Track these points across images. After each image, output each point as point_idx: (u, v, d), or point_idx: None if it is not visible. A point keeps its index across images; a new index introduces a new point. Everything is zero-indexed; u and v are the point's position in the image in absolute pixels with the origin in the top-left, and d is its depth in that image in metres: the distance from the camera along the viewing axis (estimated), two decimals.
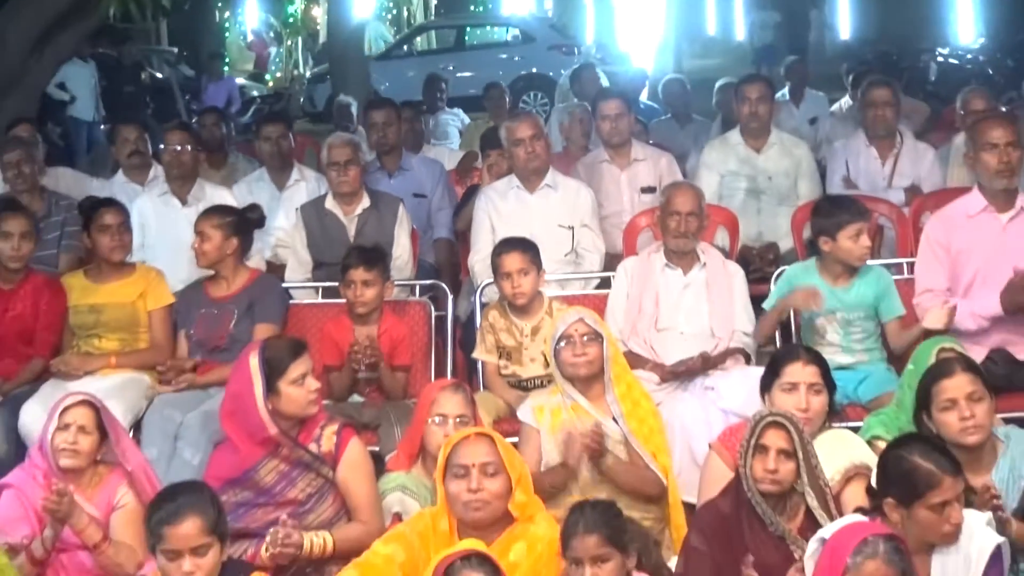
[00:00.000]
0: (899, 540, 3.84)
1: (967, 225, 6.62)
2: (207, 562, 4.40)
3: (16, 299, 7.02)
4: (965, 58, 22.47)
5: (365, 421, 6.43)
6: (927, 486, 4.33)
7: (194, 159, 8.36)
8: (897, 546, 3.79)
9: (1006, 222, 6.59)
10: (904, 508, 4.37)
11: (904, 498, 4.37)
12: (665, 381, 6.57)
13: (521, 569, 4.61)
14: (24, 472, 5.47)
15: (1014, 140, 6.52)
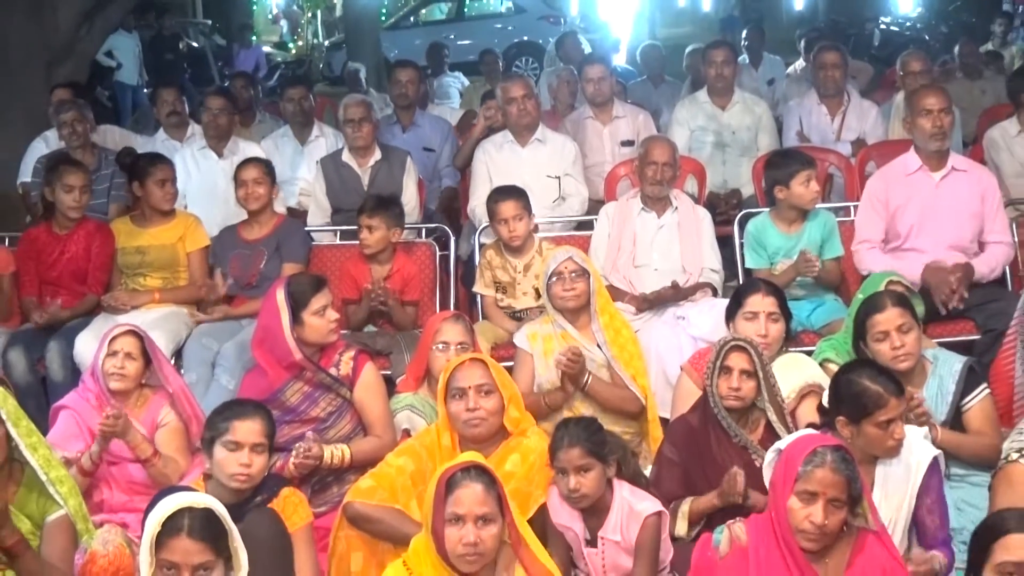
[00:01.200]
0: (846, 450, 3.82)
1: (904, 183, 6.63)
2: (261, 461, 4.46)
3: (71, 242, 7.00)
4: (905, 25, 22.48)
5: (378, 348, 6.44)
6: (875, 406, 4.33)
7: (230, 120, 8.37)
8: (844, 455, 3.78)
9: (938, 180, 6.59)
10: (853, 425, 4.37)
11: (854, 416, 4.37)
12: (641, 311, 6.55)
13: (516, 477, 4.61)
14: (78, 395, 5.50)
15: (946, 107, 6.54)
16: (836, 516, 3.69)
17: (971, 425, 5.08)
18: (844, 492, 3.69)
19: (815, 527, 3.67)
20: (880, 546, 3.76)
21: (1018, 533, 3.08)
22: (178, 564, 3.47)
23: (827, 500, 3.68)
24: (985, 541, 3.14)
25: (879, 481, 4.40)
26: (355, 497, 4.67)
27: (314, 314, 5.37)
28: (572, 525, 4.61)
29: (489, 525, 3.79)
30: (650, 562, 4.51)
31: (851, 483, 3.71)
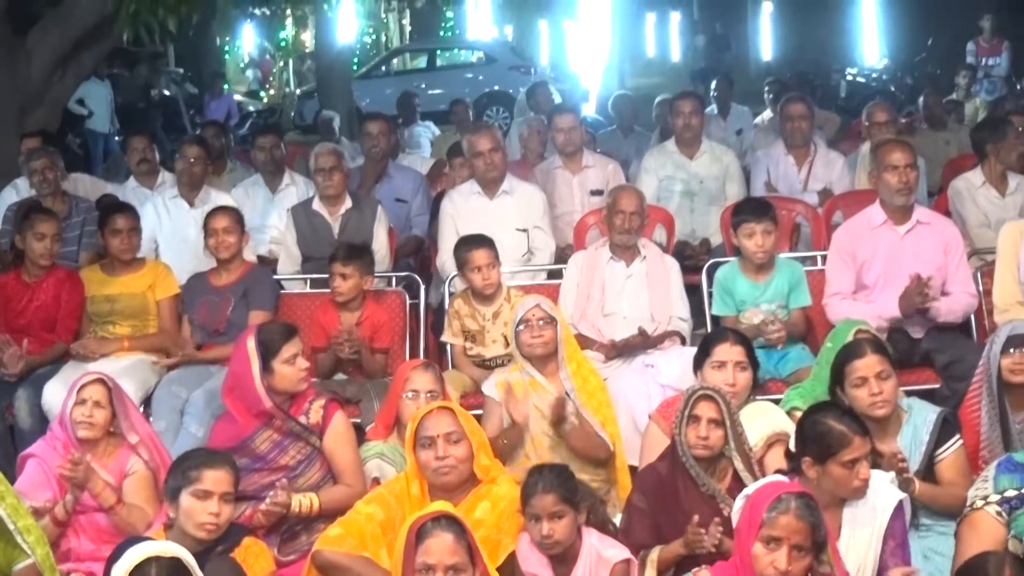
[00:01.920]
0: (810, 497, 3.83)
1: (870, 236, 6.68)
2: (228, 510, 4.49)
3: (40, 291, 6.99)
4: (871, 77, 22.68)
5: (348, 396, 6.41)
6: (840, 445, 4.35)
7: (204, 170, 8.38)
8: (808, 502, 3.78)
9: (903, 234, 6.65)
10: (819, 465, 4.39)
11: (819, 456, 4.38)
12: (610, 359, 6.58)
13: (485, 525, 4.61)
14: (46, 443, 5.46)
15: (912, 162, 6.61)
16: (800, 563, 3.70)
17: (943, 475, 5.10)
18: (808, 539, 3.70)
19: (779, 573, 3.67)
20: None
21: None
22: None
23: (791, 546, 3.69)
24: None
25: (847, 524, 4.42)
26: (324, 545, 4.66)
27: (284, 362, 5.34)
28: (541, 572, 4.61)
29: (459, 575, 3.78)
30: None
31: (815, 530, 3.72)
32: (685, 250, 8.00)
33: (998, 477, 4.44)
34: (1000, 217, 7.38)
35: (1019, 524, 4.29)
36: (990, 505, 4.36)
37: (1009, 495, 4.36)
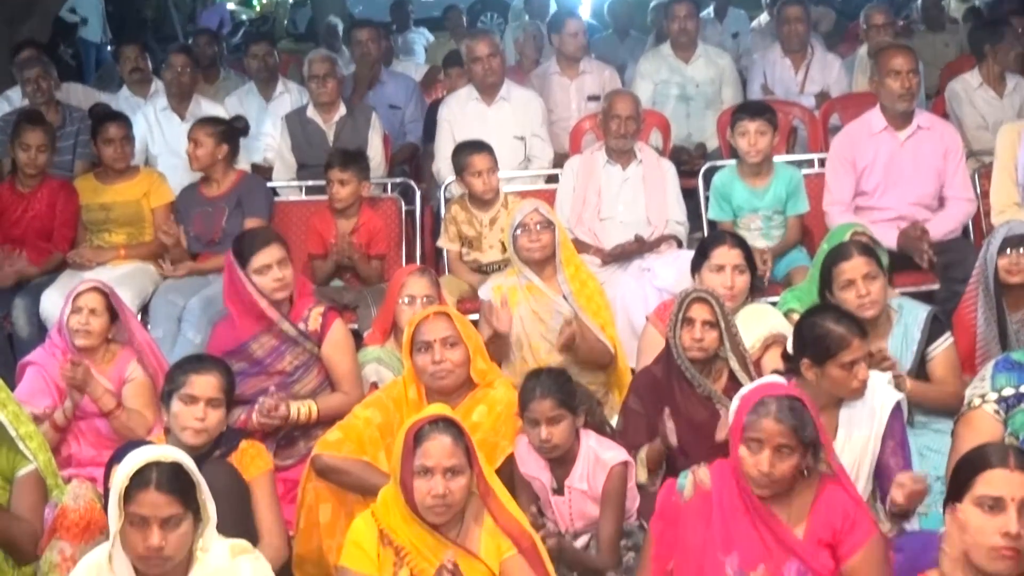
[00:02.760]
0: (794, 399, 3.77)
1: (870, 142, 6.64)
2: (216, 415, 4.47)
3: (35, 201, 6.98)
4: None
5: (345, 302, 6.42)
6: (838, 347, 4.33)
7: (192, 79, 8.31)
8: (790, 404, 3.71)
9: (903, 140, 6.61)
10: (818, 367, 4.38)
11: (818, 358, 4.37)
12: (607, 263, 6.58)
13: (482, 428, 4.62)
14: (45, 351, 5.48)
15: (914, 67, 6.54)
16: (785, 463, 3.66)
17: (935, 373, 5.13)
18: (791, 439, 3.66)
19: (761, 475, 3.67)
20: (840, 489, 3.77)
21: (1000, 468, 3.09)
22: (147, 517, 3.45)
23: (773, 448, 3.65)
24: (967, 474, 3.15)
25: (843, 424, 4.42)
26: (323, 449, 4.67)
27: (255, 271, 5.30)
28: (539, 475, 4.63)
29: (457, 477, 3.78)
30: (616, 510, 4.53)
31: (798, 431, 3.67)
32: (681, 155, 7.95)
33: (995, 376, 4.44)
34: (998, 118, 7.35)
35: (1016, 422, 4.29)
36: (987, 404, 4.36)
37: (1006, 394, 4.36)
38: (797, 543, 3.68)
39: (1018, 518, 3.02)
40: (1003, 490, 3.06)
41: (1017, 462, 3.11)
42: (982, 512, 3.06)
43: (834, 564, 3.68)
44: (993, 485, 3.08)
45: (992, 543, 3.01)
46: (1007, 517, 3.03)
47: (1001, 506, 3.05)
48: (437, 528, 3.80)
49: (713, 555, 3.68)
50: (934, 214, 6.59)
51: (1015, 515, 3.02)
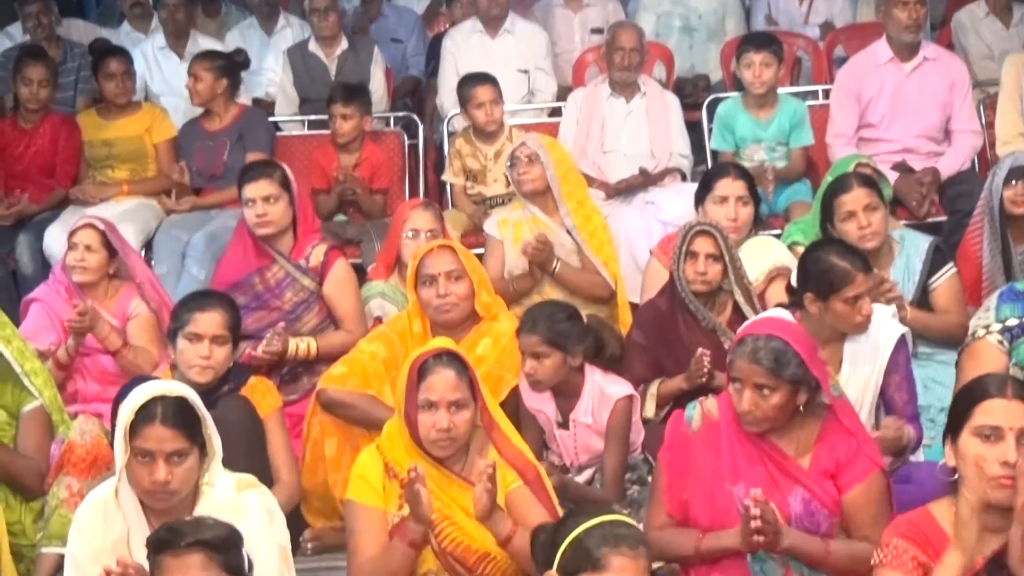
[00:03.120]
0: (775, 338, 3.72)
1: (875, 74, 6.60)
2: (222, 352, 4.47)
3: (37, 136, 6.95)
4: None
5: (348, 237, 6.43)
6: (842, 282, 4.30)
7: (188, 17, 8.22)
8: (769, 344, 3.63)
9: (909, 71, 6.58)
10: (822, 302, 4.35)
11: (822, 293, 4.34)
12: (611, 197, 6.54)
13: (487, 361, 4.61)
14: (49, 288, 5.48)
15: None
16: (767, 402, 3.60)
17: (937, 303, 5.13)
18: (769, 379, 3.58)
19: (744, 413, 3.64)
20: (839, 420, 3.75)
21: (998, 398, 3.08)
22: (152, 451, 3.44)
23: (752, 387, 3.62)
24: (966, 405, 3.14)
25: (847, 358, 4.40)
26: (328, 383, 4.67)
27: (244, 204, 5.38)
28: (544, 408, 4.62)
29: (462, 410, 3.77)
30: (621, 444, 4.53)
31: (776, 371, 3.60)
32: (685, 87, 7.88)
33: (1000, 307, 4.42)
34: (1004, 48, 7.26)
35: (1020, 352, 4.28)
36: (992, 334, 4.35)
37: (1011, 324, 4.34)
38: (802, 473, 3.67)
39: (1016, 447, 3.00)
40: (1001, 420, 3.04)
41: (1015, 392, 3.09)
42: (981, 442, 3.04)
43: (838, 494, 3.68)
44: (991, 415, 3.06)
45: (992, 473, 2.99)
46: (1005, 446, 3.01)
47: (999, 435, 3.03)
48: (442, 461, 3.79)
49: (721, 485, 3.67)
50: (939, 147, 6.56)
51: (1013, 444, 3.01)
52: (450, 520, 3.70)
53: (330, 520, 4.69)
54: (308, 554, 4.60)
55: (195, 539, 2.85)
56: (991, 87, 6.98)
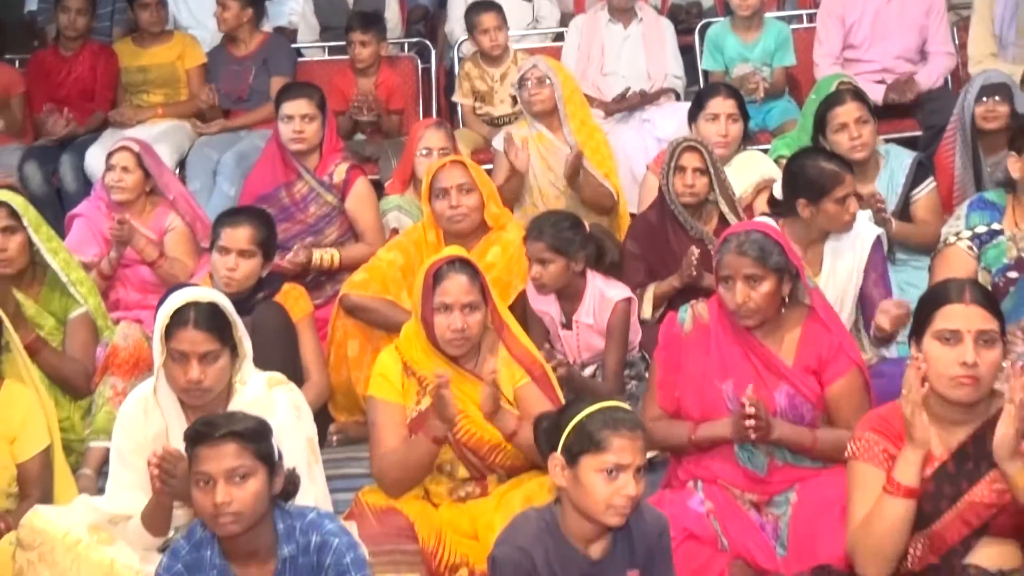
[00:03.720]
0: (761, 232, 3.68)
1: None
2: (248, 265, 4.45)
3: (77, 64, 6.89)
4: None
5: (367, 155, 6.39)
6: (833, 183, 4.27)
7: None
8: (752, 236, 3.63)
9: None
10: (813, 205, 4.31)
11: (814, 196, 4.30)
12: (610, 115, 6.47)
13: (496, 268, 4.60)
14: (91, 204, 5.48)
15: None
16: (758, 292, 3.60)
17: (917, 214, 5.11)
18: (757, 268, 3.58)
19: (738, 306, 3.63)
20: (820, 318, 3.75)
21: (957, 303, 3.06)
22: (186, 352, 3.45)
23: (742, 279, 3.60)
24: (928, 309, 3.13)
25: (828, 256, 4.39)
26: (350, 289, 4.67)
27: (280, 119, 5.37)
28: (548, 310, 4.63)
29: (474, 312, 3.76)
30: (620, 342, 4.53)
31: (762, 259, 3.59)
32: (679, 13, 7.76)
33: (969, 215, 4.41)
34: None
35: (988, 256, 4.28)
36: (962, 240, 4.34)
37: (979, 231, 4.33)
38: (787, 369, 3.67)
39: (974, 348, 2.99)
40: (959, 323, 3.03)
41: (972, 297, 3.07)
42: (941, 344, 3.03)
43: (820, 389, 3.69)
44: (950, 319, 3.04)
45: (951, 373, 2.98)
46: (963, 348, 2.99)
47: (958, 338, 3.01)
48: (456, 360, 3.79)
49: (711, 382, 3.68)
50: (915, 67, 6.51)
51: (971, 346, 2.99)
52: (464, 414, 3.70)
53: (353, 415, 4.71)
54: (334, 446, 4.62)
55: (228, 430, 2.85)
56: (964, 10, 6.87)
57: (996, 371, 3.03)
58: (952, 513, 3.04)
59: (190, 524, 3.12)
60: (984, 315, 3.04)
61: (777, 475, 3.68)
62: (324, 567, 2.86)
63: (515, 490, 3.73)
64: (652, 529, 2.99)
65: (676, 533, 3.35)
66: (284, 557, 2.88)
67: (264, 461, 2.87)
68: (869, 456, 3.08)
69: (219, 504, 2.79)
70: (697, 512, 3.61)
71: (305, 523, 2.91)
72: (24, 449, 3.80)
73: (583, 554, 2.94)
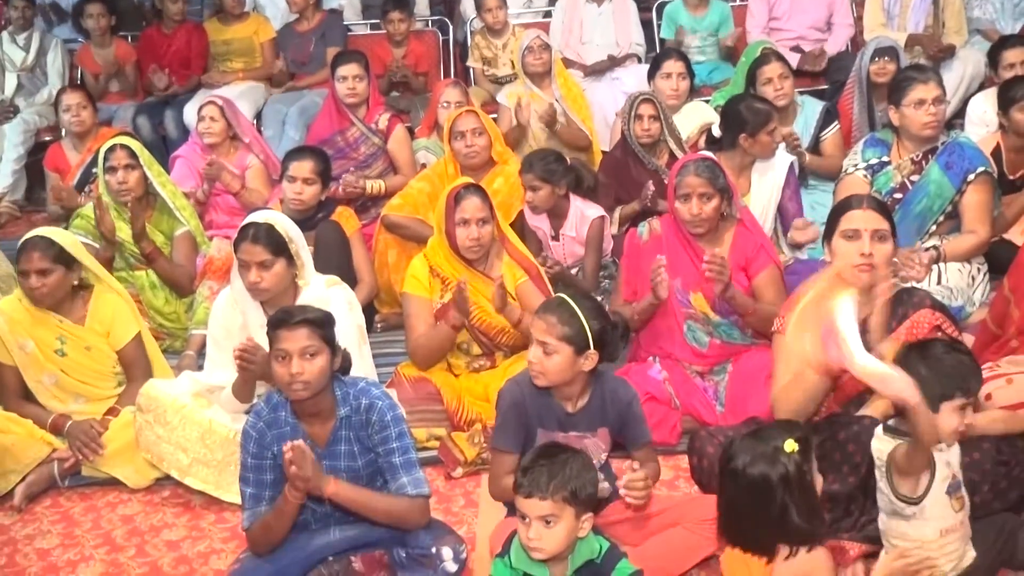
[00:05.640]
0: (710, 160, 3.66)
1: None
2: (311, 190, 4.35)
3: (175, 39, 6.74)
4: None
5: (401, 108, 6.26)
6: (767, 118, 4.28)
7: None
8: (705, 163, 3.62)
9: None
10: (751, 136, 4.28)
11: (754, 129, 4.27)
12: (587, 75, 6.35)
13: (501, 193, 4.50)
14: (188, 147, 5.38)
15: None
16: (708, 206, 3.58)
17: (826, 150, 5.05)
18: (708, 187, 3.57)
19: (693, 216, 3.59)
20: (746, 227, 3.71)
21: (857, 209, 3.02)
22: (247, 261, 3.41)
23: (697, 196, 3.57)
24: (836, 216, 3.08)
25: (755, 181, 4.34)
26: (389, 211, 4.60)
27: (337, 79, 5.25)
28: (541, 225, 4.56)
29: (486, 225, 3.71)
30: (596, 250, 4.48)
31: (712, 181, 3.58)
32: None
33: (864, 150, 4.33)
34: None
35: (879, 182, 4.22)
36: (859, 170, 4.27)
37: (872, 162, 4.26)
38: None
39: (870, 242, 2.94)
40: (858, 223, 2.98)
41: (868, 204, 3.04)
42: (846, 241, 2.98)
43: (747, 282, 3.64)
44: (852, 221, 3.00)
45: (853, 262, 2.93)
46: (861, 242, 2.95)
47: (857, 235, 2.97)
48: (471, 263, 3.74)
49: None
50: (823, 35, 6.41)
51: (868, 240, 2.95)
52: (477, 305, 3.67)
53: (392, 308, 4.65)
54: (378, 331, 4.58)
55: (302, 318, 2.81)
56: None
57: (889, 261, 2.98)
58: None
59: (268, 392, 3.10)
60: (878, 218, 3.00)
61: (716, 351, 3.68)
62: (371, 423, 2.83)
63: (517, 363, 3.71)
64: (622, 397, 2.92)
65: (639, 395, 3.33)
66: (341, 416, 2.85)
67: (328, 343, 2.82)
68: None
69: (294, 374, 2.75)
70: (655, 379, 3.60)
71: (357, 390, 2.88)
72: (118, 338, 3.72)
73: (561, 406, 2.89)
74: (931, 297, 3.11)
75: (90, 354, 3.68)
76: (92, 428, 3.53)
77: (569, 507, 2.39)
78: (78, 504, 3.49)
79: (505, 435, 2.88)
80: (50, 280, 3.58)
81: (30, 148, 6.50)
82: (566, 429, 2.88)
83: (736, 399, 3.53)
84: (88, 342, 3.68)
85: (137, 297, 4.33)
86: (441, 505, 3.30)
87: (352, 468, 2.85)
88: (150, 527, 3.35)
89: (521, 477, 2.42)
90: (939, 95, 4.13)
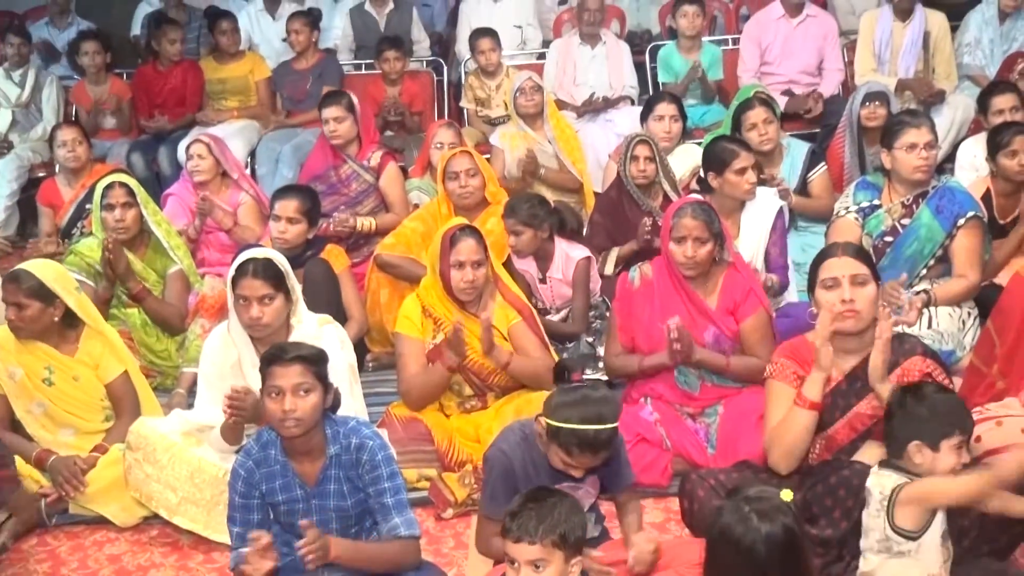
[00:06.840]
0: (704, 203, 3.73)
1: (772, 26, 6.54)
2: (295, 229, 4.37)
3: (171, 77, 6.79)
4: None
5: (395, 147, 6.27)
6: (732, 156, 4.31)
7: None
8: (701, 207, 3.67)
9: (796, 24, 6.53)
10: (719, 176, 4.34)
11: (719, 168, 4.34)
12: (580, 116, 6.40)
13: (494, 233, 4.51)
14: (181, 185, 5.42)
15: None
16: (702, 249, 3.62)
17: (813, 191, 5.08)
18: (704, 232, 3.61)
19: (687, 259, 3.63)
20: (737, 271, 3.74)
21: (833, 258, 3.07)
22: (248, 296, 3.42)
23: (692, 239, 3.61)
24: (815, 266, 3.14)
25: (744, 225, 4.38)
26: (382, 250, 4.63)
27: (322, 121, 5.29)
28: (528, 268, 4.57)
29: (480, 267, 3.73)
30: (584, 290, 4.50)
31: (708, 225, 3.62)
32: (634, 38, 7.67)
33: (856, 193, 4.37)
34: (863, 7, 7.04)
35: (869, 225, 4.26)
36: (850, 213, 4.30)
37: (863, 205, 4.30)
38: (712, 312, 3.67)
39: (850, 288, 2.99)
40: (836, 271, 3.03)
41: (844, 251, 3.08)
42: (826, 290, 3.03)
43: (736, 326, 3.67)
44: (830, 269, 3.05)
45: (836, 310, 2.97)
46: (841, 289, 3.00)
47: (837, 283, 3.01)
48: (464, 304, 3.76)
49: (655, 323, 3.66)
50: (814, 79, 6.50)
51: (847, 286, 2.99)
52: (470, 346, 3.68)
53: (384, 347, 4.66)
54: (370, 370, 4.59)
55: (296, 354, 2.82)
56: (852, 35, 6.79)
57: (872, 303, 3.01)
58: (843, 421, 3.04)
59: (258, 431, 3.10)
60: (854, 263, 3.04)
61: (707, 393, 3.71)
62: (362, 463, 2.83)
63: (508, 404, 3.73)
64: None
65: (631, 437, 3.39)
66: (331, 455, 2.86)
67: (321, 380, 2.83)
68: (783, 376, 3.06)
69: (287, 411, 2.75)
70: (647, 421, 3.62)
71: (347, 429, 2.88)
72: (107, 372, 3.73)
73: (551, 461, 2.85)
74: (922, 344, 3.13)
75: (78, 385, 3.69)
76: (75, 464, 3.52)
77: (559, 551, 2.38)
78: (65, 543, 3.48)
79: (495, 504, 2.79)
80: (26, 314, 3.60)
81: (23, 184, 6.52)
82: (557, 482, 2.87)
83: (727, 441, 3.55)
84: (76, 372, 3.69)
85: (128, 334, 4.34)
86: (431, 546, 3.30)
87: (341, 508, 2.86)
88: (137, 567, 3.34)
89: (510, 522, 2.39)
90: (931, 140, 4.18)
